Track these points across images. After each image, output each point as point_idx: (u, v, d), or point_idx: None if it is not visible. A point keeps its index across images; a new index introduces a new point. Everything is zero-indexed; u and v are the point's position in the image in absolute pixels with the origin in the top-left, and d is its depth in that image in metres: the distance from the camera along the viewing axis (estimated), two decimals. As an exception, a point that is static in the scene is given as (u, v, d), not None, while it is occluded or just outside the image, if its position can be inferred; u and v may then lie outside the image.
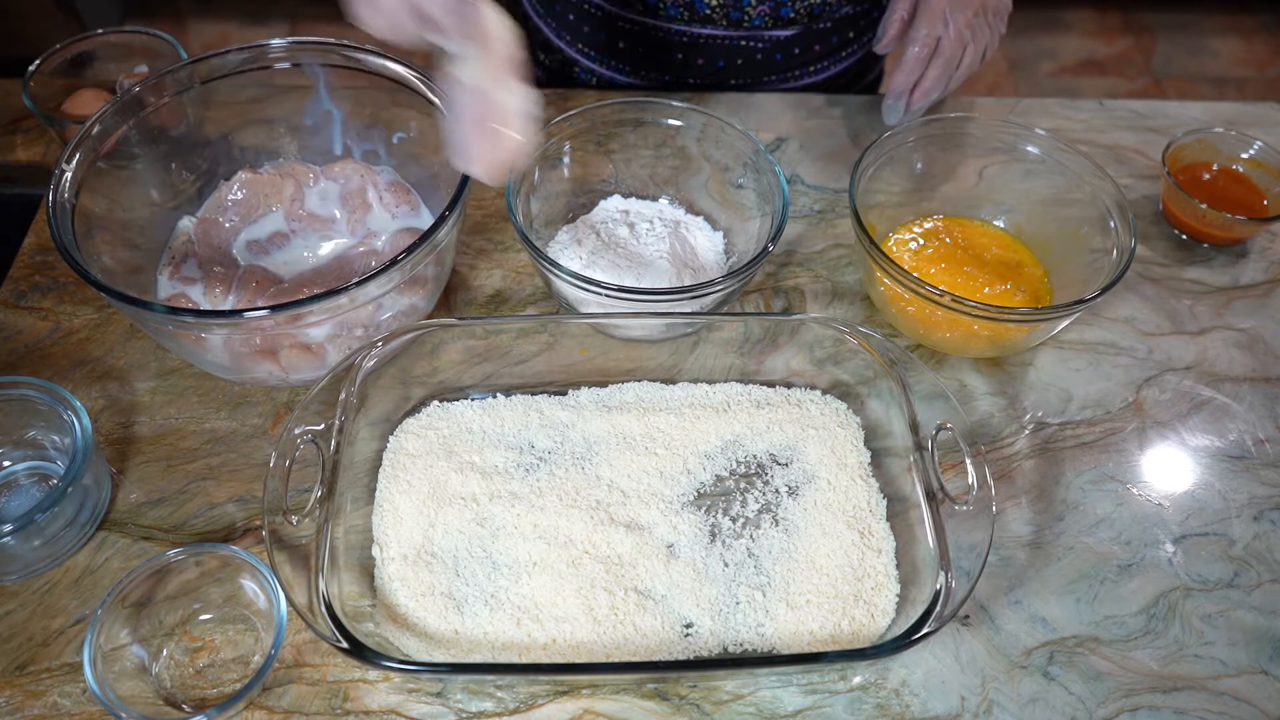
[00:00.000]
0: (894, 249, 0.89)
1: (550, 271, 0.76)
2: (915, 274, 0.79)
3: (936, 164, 0.90)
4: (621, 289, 0.75)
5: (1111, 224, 0.82)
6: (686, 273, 0.83)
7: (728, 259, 0.87)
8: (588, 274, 0.78)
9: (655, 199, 0.91)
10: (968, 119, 0.89)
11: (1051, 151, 0.87)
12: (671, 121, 0.88)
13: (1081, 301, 0.75)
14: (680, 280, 0.82)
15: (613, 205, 0.90)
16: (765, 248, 0.77)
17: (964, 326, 0.79)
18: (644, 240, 0.85)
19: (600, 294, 0.75)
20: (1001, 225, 0.91)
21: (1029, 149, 0.88)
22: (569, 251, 0.84)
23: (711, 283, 0.75)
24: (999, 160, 0.89)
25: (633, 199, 0.91)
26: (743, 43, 1.04)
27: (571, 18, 1.08)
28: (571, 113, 0.85)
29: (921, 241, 0.89)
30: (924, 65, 0.89)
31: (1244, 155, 0.95)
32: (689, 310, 0.78)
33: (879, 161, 0.86)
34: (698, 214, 0.90)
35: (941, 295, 0.75)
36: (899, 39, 0.90)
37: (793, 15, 1.02)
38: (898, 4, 0.90)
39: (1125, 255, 0.79)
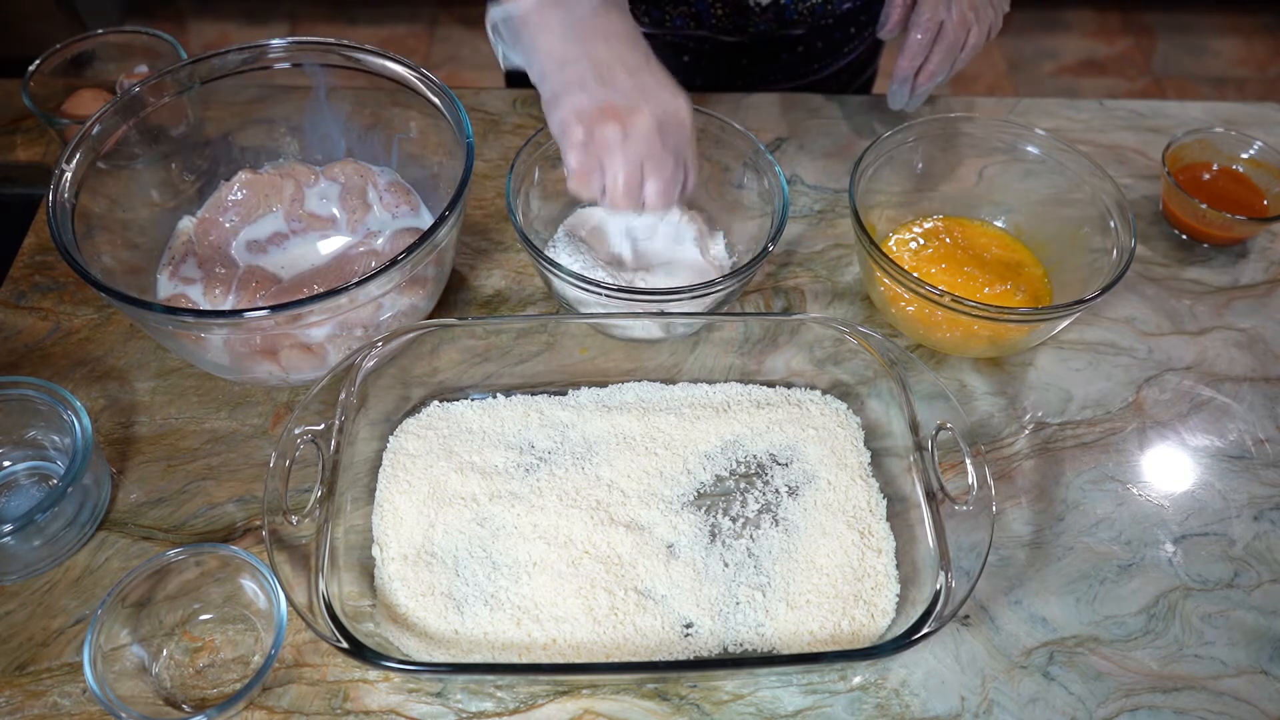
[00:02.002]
0: (894, 249, 0.88)
1: (550, 271, 0.76)
2: (915, 274, 0.79)
3: (936, 164, 0.90)
4: (621, 289, 0.75)
5: (1111, 224, 0.82)
6: (686, 273, 0.83)
7: (728, 259, 0.87)
8: (588, 274, 0.78)
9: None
10: (968, 119, 0.89)
11: (1051, 151, 0.87)
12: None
13: (1081, 301, 0.75)
14: (680, 280, 0.82)
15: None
16: (765, 248, 0.77)
17: (964, 326, 0.79)
18: (643, 240, 0.85)
19: (600, 294, 0.75)
20: (1001, 225, 0.91)
21: (1029, 149, 0.88)
22: (568, 251, 0.84)
23: (711, 283, 0.75)
24: (999, 160, 0.89)
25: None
26: (748, 44, 1.04)
27: None
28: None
29: (921, 241, 0.89)
30: (928, 49, 0.88)
31: (1244, 155, 0.95)
32: (689, 310, 0.78)
33: (879, 161, 0.86)
34: (698, 214, 0.90)
35: (941, 295, 0.75)
36: (902, 23, 0.90)
37: (796, 18, 1.02)
38: None
39: (1125, 255, 0.79)
